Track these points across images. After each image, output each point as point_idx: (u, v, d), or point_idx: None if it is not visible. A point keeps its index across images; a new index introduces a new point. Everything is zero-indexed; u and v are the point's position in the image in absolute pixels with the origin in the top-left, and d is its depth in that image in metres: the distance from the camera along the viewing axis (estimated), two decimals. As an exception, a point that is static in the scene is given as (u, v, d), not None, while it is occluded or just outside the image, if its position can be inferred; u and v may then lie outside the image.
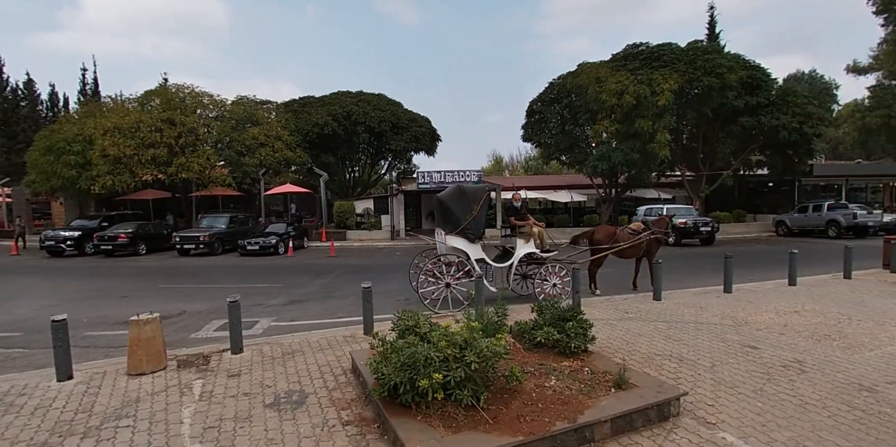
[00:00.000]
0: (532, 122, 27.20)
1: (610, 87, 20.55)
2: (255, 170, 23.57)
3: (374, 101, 27.37)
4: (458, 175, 23.12)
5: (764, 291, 8.45)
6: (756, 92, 21.82)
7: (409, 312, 4.06)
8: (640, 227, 9.09)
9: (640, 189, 25.76)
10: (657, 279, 7.85)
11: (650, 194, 25.74)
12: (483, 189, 7.86)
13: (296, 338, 6.24)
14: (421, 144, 28.56)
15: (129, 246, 18.82)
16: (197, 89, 24.05)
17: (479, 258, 7.89)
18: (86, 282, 12.59)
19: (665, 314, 6.86)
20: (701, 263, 13.26)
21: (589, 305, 7.57)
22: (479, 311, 7.01)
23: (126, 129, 20.95)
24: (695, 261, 13.93)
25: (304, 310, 8.42)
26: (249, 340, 6.24)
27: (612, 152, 21.55)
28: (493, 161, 56.21)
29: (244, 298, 9.96)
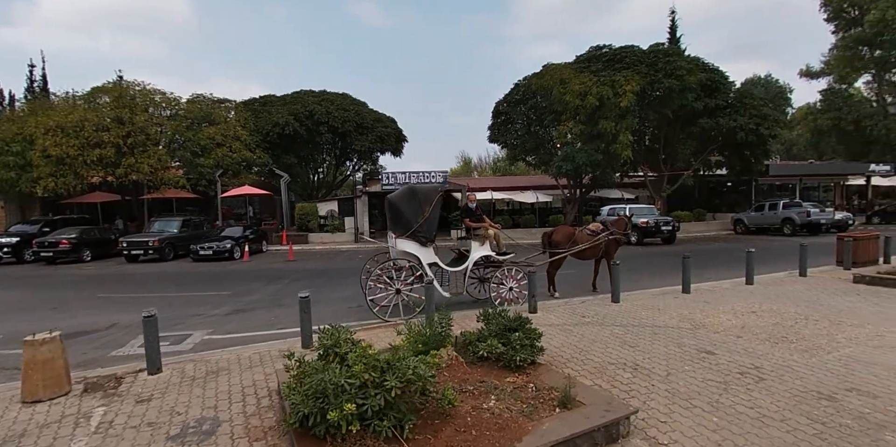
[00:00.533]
0: (498, 123, 27.06)
1: (574, 88, 20.57)
2: (212, 171, 22.53)
3: (337, 101, 26.67)
4: (424, 176, 22.71)
5: (722, 291, 8.36)
6: (715, 94, 22.28)
7: (329, 329, 3.59)
8: (599, 228, 8.89)
9: (604, 189, 25.96)
10: (615, 281, 7.63)
11: (614, 194, 25.96)
12: (435, 189, 7.46)
13: (226, 354, 5.67)
14: (386, 145, 28.01)
15: (72, 252, 17.59)
16: (149, 86, 22.82)
17: (432, 262, 7.49)
18: (16, 293, 11.60)
19: (622, 317, 6.62)
20: (661, 263, 13.25)
21: (546, 309, 7.27)
22: (430, 319, 6.64)
23: (70, 128, 19.62)
24: (656, 261, 13.93)
25: (245, 321, 7.81)
26: (173, 357, 5.65)
27: (577, 153, 21.59)
28: (462, 162, 56.11)
29: (185, 308, 9.39)
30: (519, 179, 33.93)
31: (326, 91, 27.78)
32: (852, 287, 8.38)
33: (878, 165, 29.80)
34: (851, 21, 35.07)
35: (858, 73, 36.54)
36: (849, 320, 6.14)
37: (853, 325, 5.89)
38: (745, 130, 21.72)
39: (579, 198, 25.14)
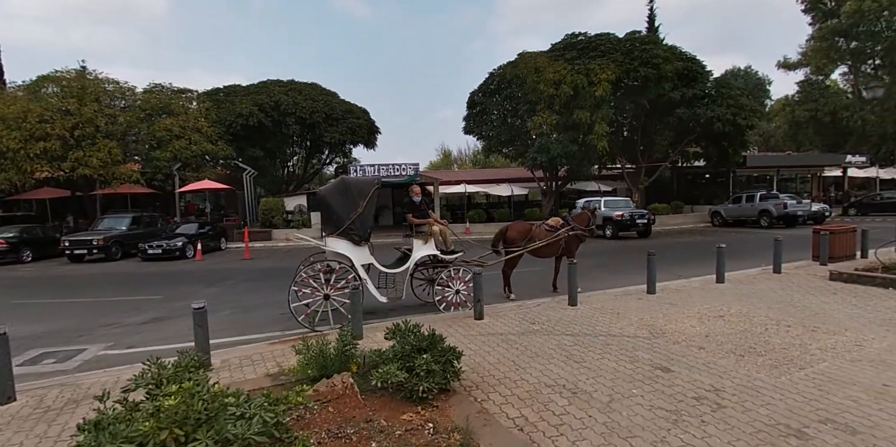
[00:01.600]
0: (473, 114, 26.23)
1: (548, 76, 19.82)
2: (168, 164, 21.28)
3: (305, 91, 25.52)
4: (394, 168, 21.81)
5: (690, 291, 7.71)
6: (692, 84, 21.72)
7: (151, 364, 2.75)
8: (559, 223, 8.15)
9: (581, 182, 25.39)
10: (573, 281, 6.90)
11: (591, 187, 25.40)
12: (372, 182, 6.62)
13: (105, 376, 4.80)
14: (357, 137, 26.97)
15: (10, 252, 16.35)
16: (101, 75, 21.42)
17: (367, 263, 6.67)
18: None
19: (576, 324, 5.90)
20: (633, 258, 12.63)
21: (495, 314, 6.52)
22: (358, 328, 5.83)
23: (11, 120, 18.23)
24: (627, 256, 13.31)
25: (158, 332, 6.92)
26: (45, 381, 4.76)
27: (551, 144, 20.89)
28: (442, 155, 55.16)
29: (101, 316, 8.36)
30: (495, 172, 33.22)
31: (295, 80, 26.60)
32: (829, 285, 7.79)
33: (853, 156, 29.74)
34: (828, 12, 34.94)
35: (835, 65, 36.55)
36: (824, 325, 5.50)
37: (829, 332, 5.25)
38: (723, 121, 21.24)
39: (556, 190, 24.49)
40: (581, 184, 25.76)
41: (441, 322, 6.25)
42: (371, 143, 29.16)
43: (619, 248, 15.45)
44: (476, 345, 5.21)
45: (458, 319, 6.36)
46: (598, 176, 28.13)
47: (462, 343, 5.25)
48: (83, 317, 8.12)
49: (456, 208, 27.88)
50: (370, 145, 29.17)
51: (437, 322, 6.26)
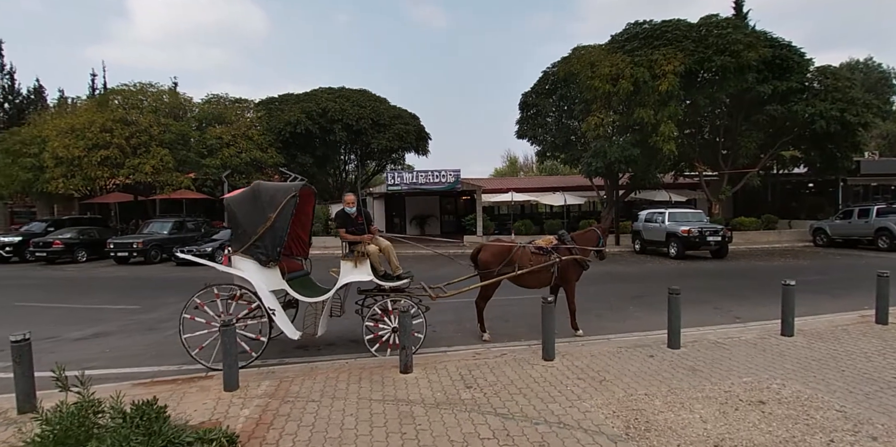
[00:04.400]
0: (526, 116, 24.27)
1: (603, 71, 17.45)
2: (217, 171, 21.84)
3: (353, 97, 25.25)
4: (433, 175, 20.56)
5: (734, 347, 5.42)
6: (786, 75, 18.05)
7: None
8: (551, 244, 6.23)
9: (649, 190, 22.29)
10: (547, 328, 4.99)
11: (660, 196, 22.21)
12: (288, 190, 5.28)
13: None
14: (405, 143, 26.15)
15: (66, 253, 17.40)
16: (161, 87, 22.70)
17: (278, 289, 5.32)
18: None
19: (527, 394, 4.07)
20: (693, 287, 10.08)
21: (433, 365, 4.85)
22: (230, 376, 4.48)
23: (78, 130, 19.69)
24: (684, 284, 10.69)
25: (77, 352, 6.17)
26: None
27: (609, 148, 18.37)
28: (508, 162, 53.08)
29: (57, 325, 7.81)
30: (550, 180, 30.77)
31: (345, 87, 26.50)
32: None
33: None
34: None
35: None
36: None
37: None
38: (827, 118, 17.35)
39: (616, 200, 21.68)
40: (649, 193, 22.66)
41: (350, 372, 4.72)
42: (421, 150, 28.27)
43: (676, 272, 12.76)
44: (354, 422, 3.62)
45: (378, 370, 4.78)
46: (673, 184, 24.72)
47: (339, 416, 3.69)
48: (38, 325, 7.69)
49: (507, 219, 25.97)
50: (420, 151, 28.29)
51: (345, 372, 4.74)
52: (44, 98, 37.67)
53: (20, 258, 18.03)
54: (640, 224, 18.22)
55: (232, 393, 4.35)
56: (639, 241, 18.16)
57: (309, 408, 3.91)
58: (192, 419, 3.77)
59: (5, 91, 31.64)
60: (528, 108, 24.11)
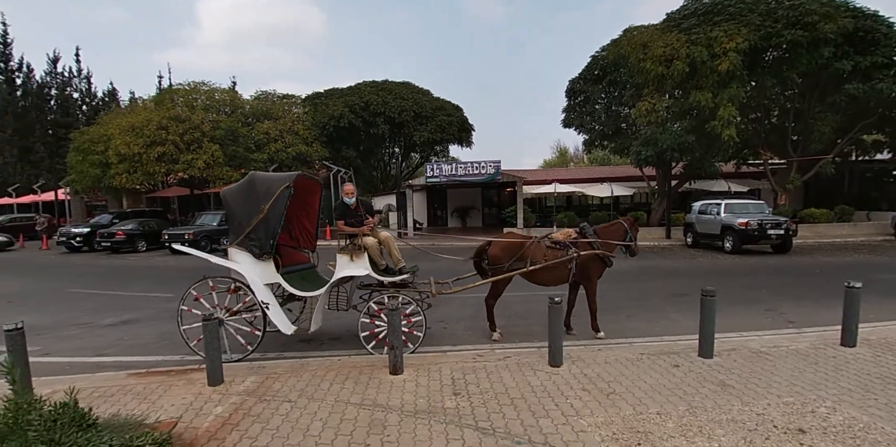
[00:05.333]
0: (573, 104, 23.17)
1: (656, 52, 16.17)
2: (265, 166, 22.57)
3: (396, 90, 25.18)
4: (473, 167, 20.06)
5: (779, 357, 4.65)
6: (870, 49, 15.90)
7: None
8: (571, 238, 5.65)
9: (706, 180, 20.61)
10: (554, 331, 4.47)
11: (718, 186, 20.46)
12: (282, 181, 5.08)
13: None
14: (447, 134, 25.81)
15: (127, 243, 18.62)
16: (214, 86, 23.69)
17: (273, 282, 5.15)
18: (19, 281, 11.93)
19: (517, 406, 3.63)
20: (744, 286, 9.08)
21: (427, 366, 4.50)
22: (214, 369, 4.34)
23: (138, 128, 20.95)
24: (734, 282, 9.68)
25: (99, 338, 6.45)
26: None
27: (661, 135, 17.10)
28: (558, 153, 51.36)
29: (93, 312, 8.17)
30: (600, 170, 29.27)
31: (388, 80, 26.48)
32: None
33: None
34: None
35: None
36: None
37: None
38: (921, 96, 15.13)
39: (669, 191, 20.22)
40: (705, 183, 20.98)
41: (338, 371, 4.47)
42: (465, 141, 27.83)
43: (728, 269, 11.60)
44: (320, 428, 3.34)
45: (368, 370, 4.50)
46: (734, 173, 22.75)
47: (309, 420, 3.44)
48: (79, 311, 8.17)
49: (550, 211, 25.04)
50: (464, 143, 27.86)
51: (333, 370, 4.49)
52: (117, 100, 40.74)
53: (89, 248, 19.50)
54: (693, 216, 16.83)
55: (214, 388, 4.23)
56: (691, 234, 16.80)
57: (281, 410, 3.69)
58: (160, 416, 3.66)
59: (83, 94, 34.36)
60: (575, 96, 23.02)
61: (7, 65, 32.60)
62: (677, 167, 20.20)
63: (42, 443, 2.23)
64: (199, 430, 3.43)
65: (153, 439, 2.55)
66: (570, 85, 22.82)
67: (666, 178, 20.15)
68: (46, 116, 31.85)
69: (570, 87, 22.89)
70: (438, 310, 7.19)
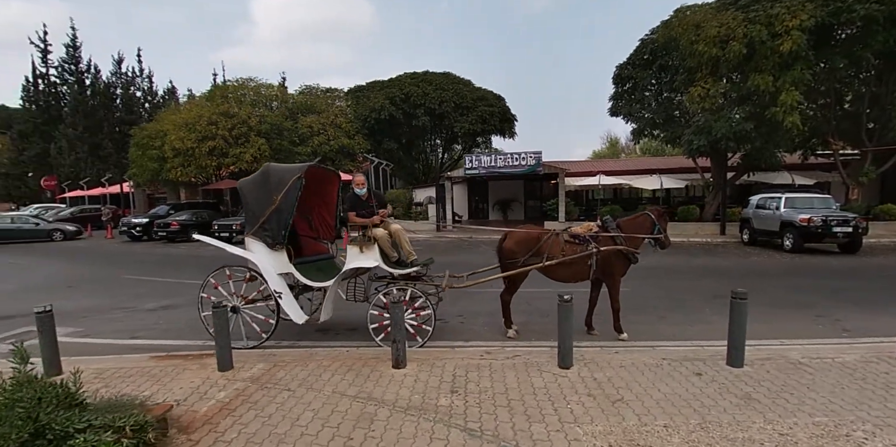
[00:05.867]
0: (621, 91, 22.08)
1: (710, 33, 15.05)
2: (309, 158, 23.19)
3: (436, 81, 25.07)
4: (512, 158, 19.66)
5: (819, 371, 4.16)
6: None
7: None
8: (592, 231, 5.33)
9: (767, 172, 19.09)
10: (564, 331, 4.23)
11: (781, 179, 18.89)
12: (292, 171, 5.10)
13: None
14: (488, 125, 25.44)
15: (181, 232, 19.74)
16: (261, 81, 24.53)
17: (286, 272, 5.20)
18: (82, 268, 12.90)
19: (514, 408, 3.45)
20: (797, 288, 8.34)
21: (433, 361, 4.39)
22: (224, 356, 4.45)
23: (190, 124, 22.08)
24: (788, 284, 8.89)
25: (141, 321, 6.85)
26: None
27: (715, 123, 15.95)
28: (608, 143, 49.46)
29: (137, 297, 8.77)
30: (650, 161, 27.89)
31: (429, 71, 26.39)
32: None
33: None
34: None
35: None
36: None
37: None
38: None
39: (724, 183, 18.91)
40: (766, 175, 19.44)
41: (343, 362, 4.46)
42: (507, 132, 27.34)
43: (785, 269, 10.68)
44: (310, 418, 3.32)
45: (373, 363, 4.45)
46: (800, 165, 20.93)
47: (302, 409, 3.44)
48: (126, 296, 8.70)
49: (595, 204, 24.18)
50: (506, 134, 27.38)
51: (339, 361, 4.49)
52: (175, 97, 43.20)
53: (148, 237, 20.87)
54: (749, 211, 15.65)
55: (223, 373, 4.33)
56: (748, 231, 15.64)
57: (279, 398, 3.71)
58: (167, 397, 3.78)
59: (145, 93, 36.65)
60: (623, 82, 21.91)
61: (77, 67, 35.36)
62: (734, 158, 18.83)
63: (21, 419, 2.32)
64: (198, 414, 3.51)
65: (136, 421, 2.61)
66: (617, 71, 21.75)
67: (721, 170, 18.84)
68: (113, 114, 34.31)
69: (618, 73, 21.81)
70: (459, 304, 7.08)
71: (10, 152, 39.49)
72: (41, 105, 37.14)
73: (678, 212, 19.47)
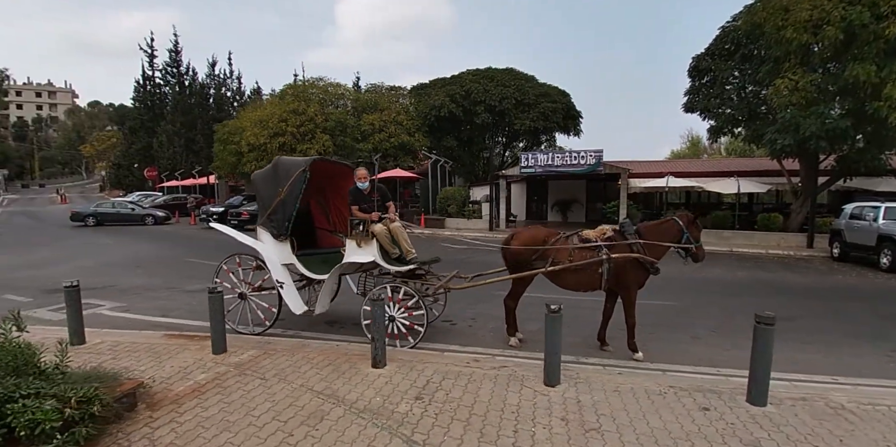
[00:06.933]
0: (698, 85, 20.32)
1: (800, 16, 13.37)
2: (370, 155, 23.87)
3: (498, 77, 24.67)
4: (571, 157, 18.85)
5: (864, 420, 3.43)
6: None
7: None
8: (605, 235, 4.85)
9: (869, 177, 16.62)
10: (551, 343, 3.86)
11: (886, 185, 16.37)
12: (300, 163, 5.18)
13: None
14: (551, 122, 24.59)
15: (251, 221, 21.19)
16: (330, 81, 25.60)
17: (289, 263, 5.29)
18: (158, 250, 14.23)
19: (472, 424, 3.21)
20: (880, 315, 7.16)
21: (407, 363, 4.23)
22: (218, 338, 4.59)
23: (264, 121, 23.59)
24: (867, 308, 7.65)
25: (177, 301, 7.46)
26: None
27: (803, 119, 14.15)
28: (689, 142, 45.91)
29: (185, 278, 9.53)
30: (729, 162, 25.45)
31: (491, 68, 26.04)
32: None
33: None
34: None
35: None
36: None
37: None
38: None
39: (814, 189, 16.77)
40: (868, 181, 16.95)
41: (328, 356, 4.45)
42: (571, 130, 26.31)
43: (873, 291, 9.19)
44: (265, 410, 3.32)
45: (356, 359, 4.39)
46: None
47: (262, 400, 3.46)
48: (178, 276, 9.46)
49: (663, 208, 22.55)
50: (569, 131, 26.36)
51: (324, 355, 4.48)
52: (260, 97, 46.33)
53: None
54: (842, 221, 13.72)
55: (215, 356, 4.50)
56: (838, 244, 13.71)
57: (249, 386, 3.77)
58: (157, 374, 3.99)
59: (234, 92, 39.75)
60: (700, 75, 20.14)
61: (178, 69, 39.12)
62: (828, 159, 16.62)
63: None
64: (172, 393, 3.65)
65: (85, 393, 2.73)
66: (693, 62, 20.01)
67: (812, 174, 16.72)
68: (207, 112, 37.70)
69: (695, 65, 20.05)
70: (477, 307, 6.85)
71: (121, 146, 44.84)
72: (147, 104, 41.70)
73: (758, 220, 17.57)
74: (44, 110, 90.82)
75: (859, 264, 12.55)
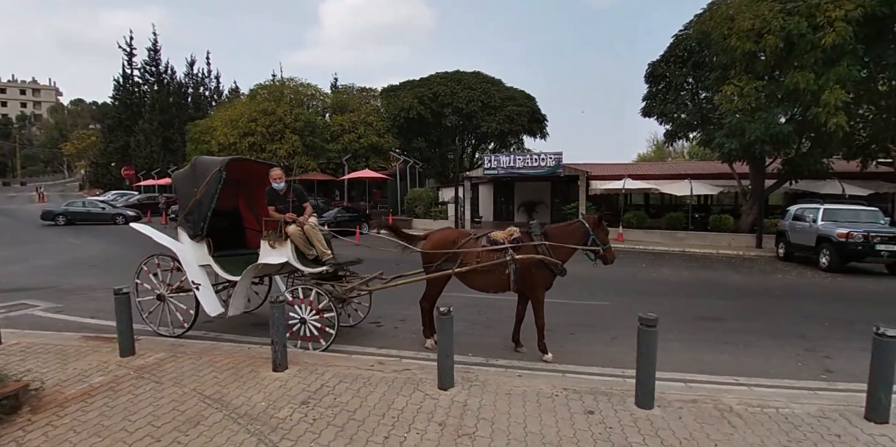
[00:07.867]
0: (655, 91, 20.84)
1: (743, 25, 13.86)
2: (339, 155, 23.79)
3: (465, 80, 24.89)
4: (532, 158, 19.13)
5: (750, 425, 3.54)
6: None
7: None
8: (512, 237, 4.99)
9: (814, 180, 17.30)
10: (444, 345, 3.97)
11: (830, 188, 17.04)
12: (214, 163, 5.20)
13: None
14: (516, 125, 24.91)
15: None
16: (299, 81, 25.42)
17: (205, 264, 5.29)
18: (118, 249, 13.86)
19: (343, 432, 3.30)
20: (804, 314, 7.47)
21: (310, 367, 4.30)
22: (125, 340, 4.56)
23: (234, 120, 23.31)
24: (796, 308, 8.00)
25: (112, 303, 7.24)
26: None
27: (748, 124, 14.68)
28: (654, 147, 47.00)
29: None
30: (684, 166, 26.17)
31: (459, 71, 26.24)
32: None
33: None
34: None
35: None
36: None
37: None
38: None
39: (761, 192, 17.38)
40: (814, 184, 17.62)
41: (233, 359, 4.48)
42: (536, 132, 26.68)
43: (807, 291, 9.54)
44: (143, 414, 3.33)
45: (259, 363, 4.43)
46: (858, 173, 18.82)
47: (145, 405, 3.51)
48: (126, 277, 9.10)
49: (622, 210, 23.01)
50: (535, 134, 26.74)
51: (229, 358, 4.51)
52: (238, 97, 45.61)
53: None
54: (786, 222, 14.29)
55: (121, 359, 4.50)
56: (783, 245, 14.27)
57: (141, 390, 3.80)
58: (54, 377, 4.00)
59: (212, 92, 39.16)
60: (656, 81, 20.67)
61: (157, 68, 38.36)
62: (774, 163, 17.26)
63: None
64: (61, 396, 3.67)
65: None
66: (650, 69, 20.53)
67: (759, 176, 17.34)
68: (185, 111, 37.03)
69: (651, 72, 20.57)
70: (409, 309, 6.86)
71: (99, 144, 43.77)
72: (126, 103, 40.82)
73: (710, 221, 18.12)
74: (28, 108, 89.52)
75: (801, 264, 13.06)
